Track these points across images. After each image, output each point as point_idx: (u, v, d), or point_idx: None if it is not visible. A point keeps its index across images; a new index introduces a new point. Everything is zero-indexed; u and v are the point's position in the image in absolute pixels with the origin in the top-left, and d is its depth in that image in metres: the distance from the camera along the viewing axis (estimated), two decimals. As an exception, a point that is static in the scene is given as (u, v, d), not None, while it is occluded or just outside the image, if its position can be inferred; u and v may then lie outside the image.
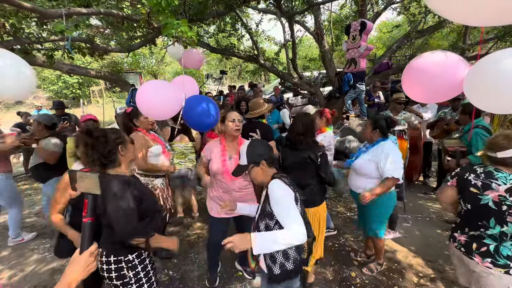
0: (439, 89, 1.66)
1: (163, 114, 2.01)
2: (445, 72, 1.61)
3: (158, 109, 1.94)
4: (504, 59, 1.36)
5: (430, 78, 1.64)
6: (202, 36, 6.32)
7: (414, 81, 1.77)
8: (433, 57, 1.69)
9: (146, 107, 1.93)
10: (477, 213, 1.49)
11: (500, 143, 1.45)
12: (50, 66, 3.03)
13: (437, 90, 1.67)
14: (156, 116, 2.08)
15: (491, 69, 1.39)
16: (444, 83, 1.62)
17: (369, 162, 2.16)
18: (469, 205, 1.52)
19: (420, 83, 1.72)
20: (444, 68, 1.61)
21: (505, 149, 1.43)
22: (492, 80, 1.37)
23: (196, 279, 2.52)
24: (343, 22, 7.19)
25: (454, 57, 1.64)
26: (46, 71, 13.59)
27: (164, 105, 1.93)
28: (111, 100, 14.61)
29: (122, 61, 15.69)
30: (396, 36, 10.72)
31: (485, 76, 1.42)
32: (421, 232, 3.18)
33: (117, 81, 4.31)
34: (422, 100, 1.89)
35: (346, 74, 4.78)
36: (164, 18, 1.77)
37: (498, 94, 1.38)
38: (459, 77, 1.58)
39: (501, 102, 1.41)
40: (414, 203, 3.91)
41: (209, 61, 20.24)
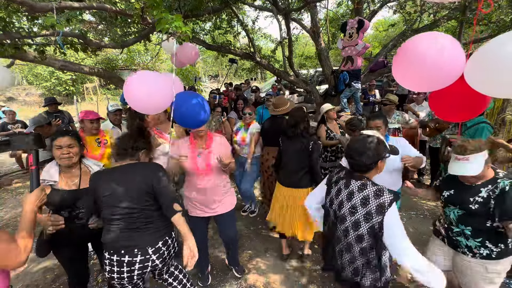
0: (435, 75, 1.45)
1: (154, 108, 1.89)
2: (443, 54, 1.40)
3: (149, 102, 1.76)
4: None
5: (424, 61, 1.43)
6: (197, 33, 6.26)
7: (406, 66, 1.56)
8: (427, 38, 1.47)
9: (136, 99, 1.75)
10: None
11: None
12: (41, 62, 2.96)
13: (433, 76, 1.46)
14: (146, 110, 1.96)
15: (501, 51, 1.29)
16: (441, 67, 1.42)
17: (396, 157, 2.13)
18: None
19: (413, 68, 1.51)
20: (441, 50, 1.41)
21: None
22: (501, 62, 1.28)
23: (192, 277, 2.51)
24: (340, 20, 7.20)
25: (450, 39, 1.44)
26: (39, 67, 13.34)
27: (156, 98, 1.76)
28: (105, 97, 14.42)
29: (116, 58, 15.49)
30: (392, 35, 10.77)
31: (493, 58, 1.31)
32: (416, 229, 3.21)
33: (111, 78, 4.24)
34: (415, 88, 1.64)
35: (341, 73, 4.78)
36: (158, 13, 1.74)
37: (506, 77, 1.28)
38: (458, 60, 1.41)
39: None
40: (409, 200, 3.94)
41: (205, 59, 20.11)
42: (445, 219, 1.78)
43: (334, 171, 1.57)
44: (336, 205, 1.46)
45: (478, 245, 1.58)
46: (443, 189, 1.76)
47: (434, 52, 1.40)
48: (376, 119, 2.24)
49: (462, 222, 1.64)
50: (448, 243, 1.78)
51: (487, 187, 1.52)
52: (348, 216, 1.38)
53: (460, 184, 1.64)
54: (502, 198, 1.45)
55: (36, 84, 14.08)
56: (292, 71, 6.21)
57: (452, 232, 1.72)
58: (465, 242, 1.65)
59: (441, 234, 1.83)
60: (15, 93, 14.33)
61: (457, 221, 1.66)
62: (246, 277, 2.50)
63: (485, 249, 1.57)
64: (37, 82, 13.91)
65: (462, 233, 1.66)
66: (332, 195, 1.49)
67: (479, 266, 1.60)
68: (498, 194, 1.47)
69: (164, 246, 1.55)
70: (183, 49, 2.44)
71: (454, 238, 1.71)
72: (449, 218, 1.72)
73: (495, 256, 1.55)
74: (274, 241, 3.04)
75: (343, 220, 1.41)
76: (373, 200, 1.30)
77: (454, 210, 1.67)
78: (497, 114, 4.49)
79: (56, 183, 1.68)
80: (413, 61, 1.49)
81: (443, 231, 1.81)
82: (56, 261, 2.75)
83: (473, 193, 1.55)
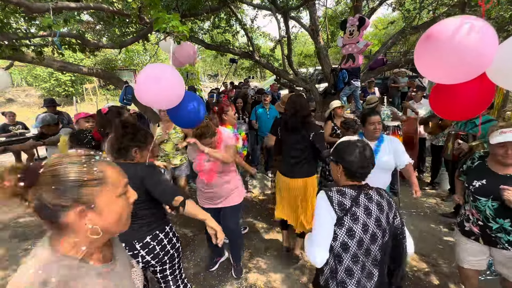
0: (469, 62, 1.22)
1: (167, 103, 1.73)
2: (478, 38, 1.17)
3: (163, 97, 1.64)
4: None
5: (457, 47, 1.20)
6: (196, 32, 6.24)
7: (431, 55, 1.32)
8: (458, 20, 1.22)
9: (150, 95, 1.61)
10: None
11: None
12: (39, 63, 2.95)
13: (466, 64, 1.23)
14: (159, 105, 1.84)
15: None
16: (476, 53, 1.19)
17: (391, 155, 2.21)
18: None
19: (439, 58, 1.27)
20: (476, 33, 1.18)
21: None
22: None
23: (192, 276, 2.51)
24: (339, 18, 7.17)
25: (482, 21, 1.21)
26: (38, 68, 13.34)
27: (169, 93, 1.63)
28: (105, 97, 14.42)
29: (115, 58, 15.48)
30: (391, 33, 10.75)
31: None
32: (416, 227, 3.21)
33: (110, 78, 4.23)
34: (441, 79, 1.40)
35: (340, 72, 4.76)
36: (156, 13, 1.73)
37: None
38: (493, 44, 1.20)
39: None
40: (409, 198, 3.94)
41: (204, 58, 20.07)
42: (479, 216, 1.69)
43: (337, 192, 1.24)
44: (372, 225, 1.20)
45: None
46: (472, 179, 1.69)
47: (469, 35, 1.19)
48: (376, 115, 2.26)
49: (500, 216, 1.57)
50: (484, 242, 1.69)
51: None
52: (377, 230, 1.20)
53: (493, 173, 1.61)
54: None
55: (36, 85, 14.08)
56: (291, 69, 6.19)
57: (490, 229, 1.63)
58: (506, 237, 1.58)
59: (474, 233, 1.73)
60: (14, 94, 14.33)
61: (495, 215, 1.59)
62: (247, 276, 2.50)
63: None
64: (36, 83, 13.91)
65: (502, 229, 1.59)
66: (361, 218, 1.19)
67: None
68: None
69: (153, 240, 1.52)
70: (181, 48, 2.42)
71: (493, 235, 1.63)
72: (484, 213, 1.65)
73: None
74: (274, 241, 3.04)
75: (375, 239, 1.20)
76: (385, 202, 1.25)
77: (488, 203, 1.60)
78: (498, 111, 4.48)
79: None
80: (442, 48, 1.25)
81: (477, 230, 1.71)
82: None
83: (510, 182, 1.51)
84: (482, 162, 1.71)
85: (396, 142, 2.27)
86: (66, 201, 0.58)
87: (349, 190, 1.23)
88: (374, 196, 1.24)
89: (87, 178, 0.61)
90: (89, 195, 0.61)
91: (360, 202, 1.21)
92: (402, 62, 5.33)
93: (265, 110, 4.81)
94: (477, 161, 1.75)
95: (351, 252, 1.19)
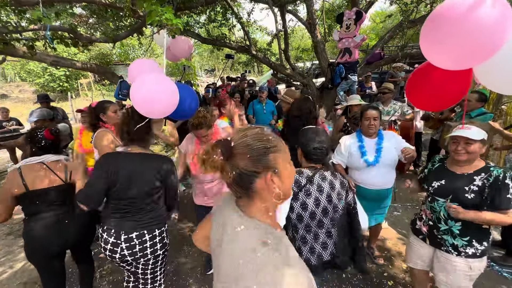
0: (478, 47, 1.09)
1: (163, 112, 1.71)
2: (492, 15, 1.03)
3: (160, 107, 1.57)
4: None
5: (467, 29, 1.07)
6: (192, 26, 6.15)
7: (438, 36, 1.18)
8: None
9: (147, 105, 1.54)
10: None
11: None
12: (32, 58, 2.89)
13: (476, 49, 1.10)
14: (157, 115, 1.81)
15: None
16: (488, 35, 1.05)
17: (394, 149, 2.15)
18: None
19: (447, 40, 1.14)
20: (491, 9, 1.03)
21: None
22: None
23: (190, 271, 2.53)
24: (336, 11, 7.10)
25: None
26: (31, 63, 13.11)
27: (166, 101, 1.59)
28: (100, 93, 14.26)
29: (110, 53, 15.26)
30: (388, 26, 10.69)
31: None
32: (410, 220, 3.24)
33: (105, 73, 4.17)
34: (448, 66, 1.28)
35: (338, 66, 4.73)
36: (149, 5, 1.70)
37: None
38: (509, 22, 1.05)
39: None
40: (404, 192, 3.97)
41: (200, 53, 19.87)
42: (431, 216, 1.69)
43: (296, 173, 1.48)
44: (324, 201, 1.47)
45: (465, 244, 1.55)
46: (431, 180, 1.68)
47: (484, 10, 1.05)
48: (373, 110, 2.19)
49: (453, 218, 1.56)
50: (430, 242, 1.72)
51: (480, 175, 1.50)
52: (328, 205, 1.46)
53: (451, 173, 1.61)
54: (496, 186, 1.44)
55: (29, 80, 13.86)
56: (288, 64, 6.15)
57: (438, 230, 1.64)
58: (451, 240, 1.59)
59: (422, 233, 1.77)
60: (7, 90, 14.11)
61: (447, 217, 1.59)
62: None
63: (471, 248, 1.54)
64: (30, 78, 13.70)
65: (449, 231, 1.60)
66: (313, 194, 1.46)
67: (463, 265, 1.57)
68: (492, 182, 1.46)
69: (138, 239, 1.50)
70: (176, 42, 2.39)
71: (439, 236, 1.64)
72: (437, 214, 1.64)
73: (479, 254, 1.54)
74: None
75: (326, 212, 1.47)
76: (337, 182, 1.50)
77: (445, 204, 1.58)
78: (494, 105, 4.50)
79: None
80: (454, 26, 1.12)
81: (425, 230, 1.74)
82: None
83: (467, 181, 1.52)
84: (441, 164, 1.71)
85: (395, 136, 2.24)
86: (258, 167, 0.67)
87: (306, 170, 1.49)
88: (328, 176, 1.49)
89: (269, 145, 0.69)
90: (273, 160, 0.69)
91: (314, 181, 1.47)
92: (400, 56, 5.32)
93: (262, 105, 4.79)
94: (437, 164, 1.74)
95: (304, 222, 1.47)
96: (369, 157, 2.13)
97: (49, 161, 1.68)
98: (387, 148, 2.14)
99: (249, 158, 0.66)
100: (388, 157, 2.13)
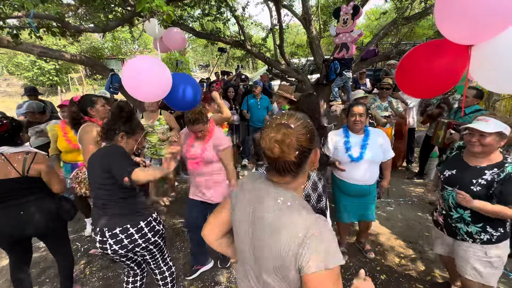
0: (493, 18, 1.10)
1: (154, 95, 1.79)
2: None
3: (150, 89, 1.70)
4: None
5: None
6: (186, 20, 6.04)
7: (456, 10, 1.18)
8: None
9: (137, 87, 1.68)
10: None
11: None
12: (17, 48, 2.78)
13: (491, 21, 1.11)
14: (146, 98, 1.85)
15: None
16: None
17: (379, 147, 2.18)
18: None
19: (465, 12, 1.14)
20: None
21: None
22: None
23: (182, 267, 2.49)
24: (331, 7, 7.06)
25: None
26: (20, 56, 12.71)
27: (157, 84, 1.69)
28: (91, 87, 13.94)
29: (102, 46, 14.91)
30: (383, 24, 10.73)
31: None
32: (403, 215, 3.28)
33: (95, 66, 4.06)
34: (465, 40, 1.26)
35: (332, 63, 4.72)
36: (139, -7, 1.63)
37: None
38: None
39: None
40: (397, 187, 4.01)
41: (194, 48, 19.62)
42: (443, 205, 1.73)
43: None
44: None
45: (479, 230, 1.56)
46: (444, 169, 1.71)
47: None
48: (359, 106, 2.18)
49: (461, 206, 1.58)
50: (447, 233, 1.74)
51: (492, 170, 1.49)
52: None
53: (464, 164, 1.62)
54: (506, 183, 1.44)
55: (18, 74, 13.45)
56: (283, 60, 6.11)
57: (451, 219, 1.67)
58: (464, 228, 1.61)
59: (440, 223, 1.79)
60: (-5, 83, 13.67)
61: (456, 205, 1.62)
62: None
63: (485, 234, 1.55)
64: (18, 72, 13.28)
65: (461, 219, 1.62)
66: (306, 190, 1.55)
67: (479, 251, 1.58)
68: (502, 178, 1.45)
69: (123, 233, 1.49)
70: (169, 32, 2.32)
71: (453, 225, 1.66)
72: (447, 202, 1.68)
73: (495, 240, 1.55)
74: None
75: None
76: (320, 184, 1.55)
77: (453, 193, 1.62)
78: (487, 100, 4.57)
79: None
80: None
81: (441, 220, 1.77)
82: (42, 253, 2.70)
83: (477, 174, 1.53)
84: (458, 153, 1.72)
85: (382, 135, 2.24)
86: (312, 145, 0.79)
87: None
88: (314, 176, 1.58)
89: (313, 127, 0.81)
90: (316, 138, 0.81)
91: (311, 178, 1.60)
92: (394, 53, 5.33)
93: (256, 100, 4.74)
94: (455, 151, 1.76)
95: None
96: (353, 153, 2.16)
97: (9, 153, 1.70)
98: (372, 145, 2.16)
99: (308, 137, 0.77)
100: (372, 154, 2.15)
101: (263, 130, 0.79)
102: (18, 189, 1.71)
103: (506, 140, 1.48)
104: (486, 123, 1.48)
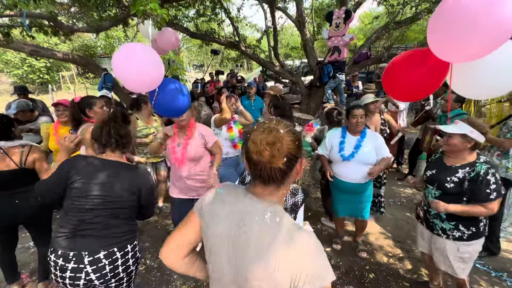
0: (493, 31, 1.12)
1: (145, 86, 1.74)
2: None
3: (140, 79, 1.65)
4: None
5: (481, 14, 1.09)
6: (180, 20, 6.04)
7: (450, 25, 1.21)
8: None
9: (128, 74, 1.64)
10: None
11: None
12: (7, 46, 2.74)
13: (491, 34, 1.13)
14: (135, 87, 1.82)
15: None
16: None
17: (373, 150, 2.26)
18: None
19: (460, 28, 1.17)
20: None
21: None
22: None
23: (174, 267, 2.50)
24: (325, 10, 7.17)
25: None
26: (9, 53, 12.43)
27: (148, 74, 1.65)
28: (83, 86, 13.73)
29: (95, 45, 14.71)
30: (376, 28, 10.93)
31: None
32: (393, 215, 3.36)
33: (88, 65, 4.03)
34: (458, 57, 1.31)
35: (326, 65, 4.79)
36: (133, -5, 1.64)
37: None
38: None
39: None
40: (387, 189, 4.08)
41: (189, 48, 19.55)
42: (425, 201, 1.88)
43: None
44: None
45: (451, 227, 1.71)
46: (427, 169, 1.88)
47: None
48: (360, 109, 2.29)
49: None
50: (426, 226, 1.89)
51: (464, 169, 1.63)
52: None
53: (442, 165, 1.77)
54: (475, 181, 1.57)
55: (7, 71, 13.16)
56: (277, 61, 6.16)
57: (429, 214, 1.82)
58: (440, 224, 1.76)
59: (420, 217, 1.94)
60: (-17, 81, 13.35)
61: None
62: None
63: (457, 232, 1.70)
64: (7, 69, 12.99)
65: (437, 216, 1.76)
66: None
67: (452, 247, 1.73)
68: (472, 176, 1.59)
69: (106, 258, 1.29)
70: (162, 34, 2.34)
71: (431, 220, 1.82)
72: (427, 199, 1.82)
73: (466, 238, 1.69)
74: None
75: None
76: (289, 198, 1.37)
77: (432, 191, 1.77)
78: (475, 105, 4.70)
79: None
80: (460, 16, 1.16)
81: (422, 214, 1.92)
82: (33, 254, 2.66)
83: (451, 173, 1.68)
84: (441, 156, 1.87)
85: (378, 138, 2.32)
86: (299, 152, 0.76)
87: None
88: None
89: (300, 136, 0.79)
90: (301, 148, 0.79)
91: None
92: (385, 57, 5.44)
93: (250, 102, 4.78)
94: (438, 155, 1.91)
95: None
96: (345, 152, 2.28)
97: (7, 146, 1.81)
98: (366, 146, 2.25)
99: (297, 145, 0.75)
100: (365, 155, 2.24)
101: (251, 134, 0.75)
102: (14, 179, 1.84)
103: (473, 142, 1.60)
104: (454, 125, 1.63)
